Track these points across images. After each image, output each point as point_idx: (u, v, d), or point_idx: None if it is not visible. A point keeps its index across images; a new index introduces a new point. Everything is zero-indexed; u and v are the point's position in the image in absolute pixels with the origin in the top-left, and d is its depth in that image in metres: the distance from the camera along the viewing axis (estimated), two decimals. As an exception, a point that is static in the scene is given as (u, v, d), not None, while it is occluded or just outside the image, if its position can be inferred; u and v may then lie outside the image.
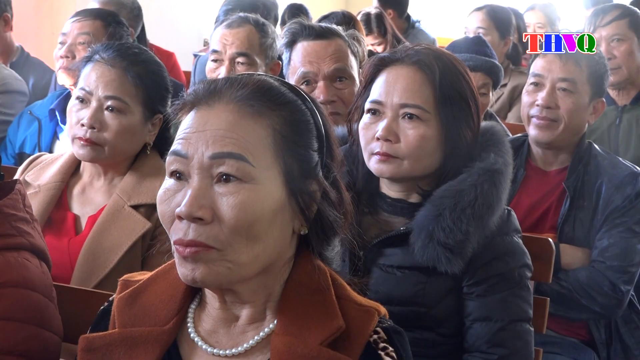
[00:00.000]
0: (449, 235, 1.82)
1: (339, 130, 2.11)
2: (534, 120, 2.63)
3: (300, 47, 2.69)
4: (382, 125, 1.90)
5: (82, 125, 2.23)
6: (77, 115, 2.26)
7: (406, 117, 1.89)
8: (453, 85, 1.89)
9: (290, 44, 2.72)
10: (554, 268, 2.27)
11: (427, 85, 1.89)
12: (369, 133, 1.92)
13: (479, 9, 4.67)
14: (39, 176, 2.33)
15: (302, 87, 2.55)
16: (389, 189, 1.97)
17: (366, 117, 1.94)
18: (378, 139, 1.90)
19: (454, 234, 1.82)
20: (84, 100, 2.26)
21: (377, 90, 1.93)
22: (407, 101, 1.89)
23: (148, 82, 2.27)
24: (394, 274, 1.89)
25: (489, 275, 1.87)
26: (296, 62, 2.68)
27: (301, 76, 2.66)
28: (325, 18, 4.08)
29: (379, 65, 1.96)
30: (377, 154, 1.90)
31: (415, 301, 1.87)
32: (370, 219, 1.96)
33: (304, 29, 2.70)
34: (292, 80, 2.65)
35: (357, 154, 1.98)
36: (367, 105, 1.94)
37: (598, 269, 2.50)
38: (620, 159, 2.65)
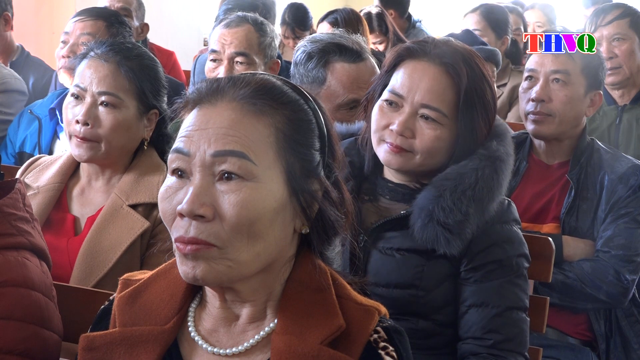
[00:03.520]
0: (448, 215, 1.83)
1: (340, 127, 2.11)
2: (530, 116, 2.65)
3: (341, 69, 2.54)
4: (399, 119, 1.90)
5: (77, 121, 2.23)
6: (72, 112, 2.26)
7: (424, 117, 1.89)
8: (477, 91, 1.89)
9: (323, 62, 2.56)
10: (556, 259, 2.28)
11: (451, 90, 1.89)
12: (383, 120, 1.92)
13: (473, 10, 4.67)
14: (38, 178, 2.32)
15: (346, 111, 2.49)
16: (393, 176, 1.97)
17: (384, 104, 1.94)
18: (392, 130, 1.90)
19: (453, 214, 1.83)
20: (78, 97, 2.26)
21: (400, 81, 1.92)
22: (429, 102, 1.89)
23: (142, 76, 2.27)
24: (392, 256, 1.90)
25: (487, 261, 1.87)
26: (338, 87, 2.53)
27: (350, 100, 2.52)
28: (332, 13, 4.10)
29: (403, 54, 1.95)
30: (389, 144, 1.91)
31: (413, 284, 1.88)
32: (371, 206, 1.97)
33: (340, 50, 2.56)
34: (330, 103, 2.52)
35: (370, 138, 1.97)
36: (386, 94, 1.94)
37: (602, 258, 2.51)
38: (622, 153, 2.66)
